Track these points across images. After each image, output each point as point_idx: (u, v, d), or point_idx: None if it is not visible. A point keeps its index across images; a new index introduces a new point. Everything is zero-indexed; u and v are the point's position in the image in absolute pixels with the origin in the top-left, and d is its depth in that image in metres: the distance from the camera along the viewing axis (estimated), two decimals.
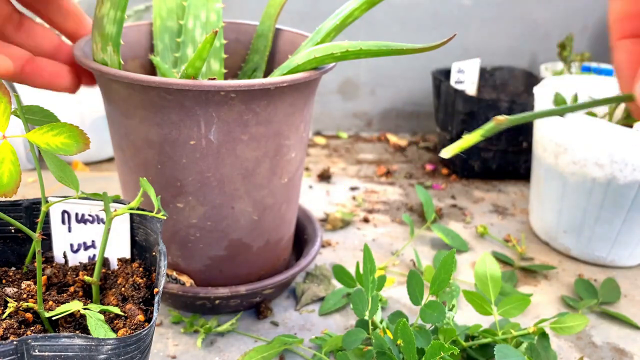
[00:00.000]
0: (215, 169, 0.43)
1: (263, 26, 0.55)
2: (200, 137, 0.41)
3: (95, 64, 0.39)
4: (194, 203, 0.44)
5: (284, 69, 0.43)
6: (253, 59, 0.56)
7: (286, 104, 0.42)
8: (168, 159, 0.42)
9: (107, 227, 0.35)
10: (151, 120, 0.41)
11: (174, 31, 0.54)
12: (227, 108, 0.39)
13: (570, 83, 0.72)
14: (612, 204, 0.60)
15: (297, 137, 0.46)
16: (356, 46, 0.39)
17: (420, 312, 0.43)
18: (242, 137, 0.42)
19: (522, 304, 0.46)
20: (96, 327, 0.30)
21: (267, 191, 0.46)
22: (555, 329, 0.46)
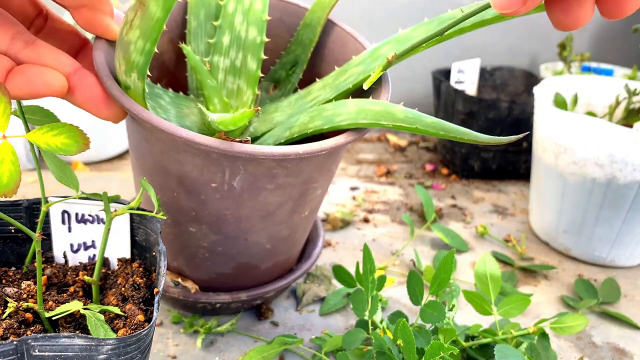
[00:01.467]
0: (234, 209, 0.40)
1: (313, 15, 0.48)
2: (223, 182, 0.38)
3: (116, 92, 0.34)
4: (206, 231, 0.42)
5: (326, 121, 0.38)
6: (295, 50, 0.50)
7: (320, 158, 0.39)
8: (185, 192, 0.40)
9: (107, 227, 0.35)
10: (171, 156, 0.38)
11: (212, 9, 0.47)
12: (256, 164, 0.36)
13: (570, 83, 0.72)
14: (612, 204, 0.60)
15: (327, 177, 0.43)
16: (412, 122, 0.34)
17: (420, 312, 0.43)
18: (268, 186, 0.39)
19: (522, 304, 0.46)
20: (96, 327, 0.30)
21: (285, 226, 0.44)
22: (555, 329, 0.46)
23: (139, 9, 0.30)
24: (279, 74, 0.51)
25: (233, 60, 0.46)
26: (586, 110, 0.73)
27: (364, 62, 0.41)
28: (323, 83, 0.44)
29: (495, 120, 0.80)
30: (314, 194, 0.43)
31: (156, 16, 0.30)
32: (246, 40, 0.45)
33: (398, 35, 0.39)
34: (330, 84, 0.43)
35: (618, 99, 0.71)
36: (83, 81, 0.34)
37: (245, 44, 0.45)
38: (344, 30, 0.48)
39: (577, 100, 0.71)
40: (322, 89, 0.44)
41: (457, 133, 0.33)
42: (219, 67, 0.46)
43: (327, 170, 0.42)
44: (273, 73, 0.51)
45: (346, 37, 0.47)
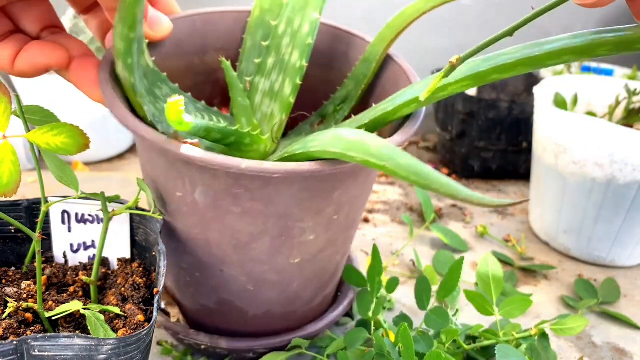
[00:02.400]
0: (202, 229, 0.37)
1: (372, 49, 0.44)
2: (186, 192, 0.35)
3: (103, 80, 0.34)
4: (183, 249, 0.40)
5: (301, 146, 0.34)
6: (348, 85, 0.46)
7: (294, 189, 0.34)
8: (160, 199, 0.38)
9: (105, 227, 0.35)
10: (145, 156, 0.38)
11: (269, 30, 0.44)
12: (210, 176, 0.33)
13: (570, 83, 0.72)
14: (612, 204, 0.60)
15: (320, 220, 0.37)
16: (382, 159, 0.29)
17: (425, 317, 0.43)
18: (233, 208, 0.35)
19: (523, 305, 0.46)
20: (96, 327, 0.30)
21: (268, 267, 0.40)
22: (555, 330, 0.46)
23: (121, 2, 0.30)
24: (327, 109, 0.47)
25: (273, 82, 0.44)
26: (586, 110, 0.73)
27: (399, 95, 0.37)
28: (355, 118, 0.41)
29: (495, 120, 0.80)
30: (303, 238, 0.38)
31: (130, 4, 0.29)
32: (288, 63, 0.43)
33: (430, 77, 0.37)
34: (359, 119, 0.39)
35: (618, 99, 0.71)
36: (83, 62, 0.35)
37: (287, 67, 0.43)
38: (400, 66, 0.43)
39: (577, 100, 0.71)
40: (350, 124, 0.41)
41: (433, 183, 0.27)
42: (258, 89, 0.44)
43: (315, 211, 0.36)
44: (324, 108, 0.48)
45: (400, 74, 0.43)
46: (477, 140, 0.83)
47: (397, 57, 0.44)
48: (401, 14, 0.42)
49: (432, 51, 1.02)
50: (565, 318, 0.46)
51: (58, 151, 0.30)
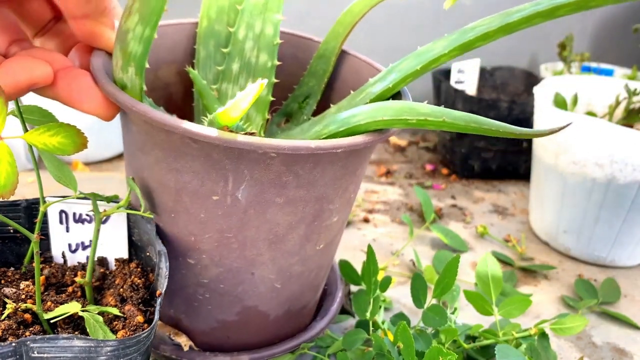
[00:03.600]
0: (238, 230, 0.35)
1: (327, 46, 0.45)
2: (226, 193, 0.34)
3: (110, 87, 0.32)
4: (207, 262, 0.37)
5: (341, 123, 0.34)
6: (308, 82, 0.47)
7: (336, 167, 0.35)
8: (184, 210, 0.35)
9: (97, 227, 0.34)
10: (169, 164, 0.34)
11: (222, 38, 0.45)
12: (263, 167, 0.32)
13: (570, 83, 0.72)
14: (612, 204, 0.60)
15: (343, 200, 0.38)
16: (438, 115, 0.30)
17: (422, 315, 0.43)
18: (277, 199, 0.34)
19: (523, 305, 0.46)
20: (95, 329, 0.30)
21: (297, 259, 0.39)
22: (555, 330, 0.46)
23: None
24: (291, 107, 0.48)
25: (243, 87, 0.44)
26: (586, 110, 0.73)
27: (382, 78, 0.38)
28: (337, 107, 0.41)
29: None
30: (330, 220, 0.38)
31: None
32: (256, 65, 0.44)
33: (418, 50, 0.37)
34: (346, 106, 0.40)
35: (618, 99, 0.71)
36: (68, 74, 0.32)
37: (256, 69, 0.44)
38: (359, 58, 0.45)
39: (577, 100, 0.70)
40: (336, 112, 0.41)
41: (490, 125, 0.29)
42: (227, 95, 0.44)
43: (343, 190, 0.37)
44: (285, 107, 0.48)
45: (361, 65, 0.45)
46: (477, 140, 0.83)
47: (351, 51, 0.46)
48: (350, 11, 0.44)
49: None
50: (564, 317, 0.46)
51: (55, 151, 0.30)
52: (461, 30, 0.34)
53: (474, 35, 0.33)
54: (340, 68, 0.47)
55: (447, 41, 0.34)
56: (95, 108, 0.32)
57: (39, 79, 0.30)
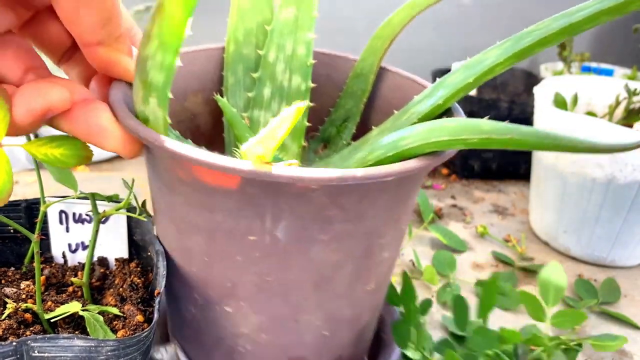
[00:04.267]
0: (280, 272, 0.32)
1: (364, 63, 0.42)
2: (264, 232, 0.30)
3: (131, 121, 0.28)
4: (246, 310, 0.34)
5: (389, 147, 0.30)
6: (345, 104, 0.44)
7: (387, 197, 0.31)
8: (218, 253, 0.32)
9: (95, 227, 0.35)
10: (200, 203, 0.30)
11: (251, 62, 0.42)
12: (304, 201, 0.29)
13: (570, 83, 0.72)
14: (612, 204, 0.60)
15: (395, 233, 0.34)
16: (503, 132, 0.26)
17: (469, 339, 0.41)
18: (321, 236, 0.31)
19: (577, 319, 0.45)
20: (95, 328, 0.30)
21: (346, 302, 0.35)
22: (595, 347, 0.46)
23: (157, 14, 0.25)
24: (328, 131, 0.45)
25: (275, 113, 0.41)
26: (586, 110, 0.73)
27: (429, 95, 0.35)
28: (380, 129, 0.38)
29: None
30: (380, 257, 0.34)
31: (177, 17, 0.25)
32: (289, 89, 0.41)
33: (467, 62, 0.34)
34: (390, 127, 0.37)
35: (618, 99, 0.71)
36: (87, 108, 0.29)
37: (289, 93, 0.41)
38: (400, 75, 0.42)
39: (577, 100, 0.70)
40: (379, 134, 0.37)
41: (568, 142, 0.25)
42: (259, 122, 0.42)
43: (395, 222, 0.33)
44: (322, 132, 0.45)
45: (403, 82, 0.41)
46: None
47: (391, 67, 0.43)
48: (388, 23, 0.41)
49: (431, 51, 1.02)
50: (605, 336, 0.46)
51: (56, 163, 0.29)
52: (515, 37, 0.31)
53: (531, 41, 0.29)
54: (380, 86, 0.43)
55: (501, 49, 0.31)
56: (117, 145, 0.29)
57: (56, 103, 0.27)
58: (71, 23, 0.26)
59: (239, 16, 0.42)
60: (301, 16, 0.41)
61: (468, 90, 0.32)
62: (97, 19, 0.26)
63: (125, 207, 0.35)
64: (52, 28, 0.31)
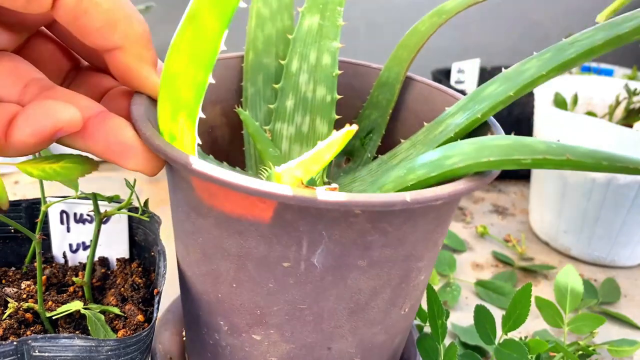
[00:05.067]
0: (314, 300, 0.30)
1: (389, 72, 0.40)
2: (299, 259, 0.28)
3: (158, 141, 0.26)
4: (276, 338, 0.32)
5: (433, 166, 0.28)
6: (370, 115, 0.42)
7: (429, 220, 0.29)
8: (248, 279, 0.30)
9: (97, 227, 0.35)
10: (231, 226, 0.28)
11: (271, 72, 0.41)
12: (344, 227, 0.27)
13: (570, 83, 0.72)
14: (612, 204, 0.60)
15: (432, 255, 0.33)
16: (559, 153, 0.25)
17: (495, 352, 0.39)
18: (359, 262, 0.29)
19: (595, 323, 0.45)
20: (96, 327, 0.30)
21: (380, 327, 0.33)
22: (611, 352, 0.46)
23: (188, 25, 0.23)
24: (352, 144, 0.43)
25: (299, 126, 0.40)
26: (586, 110, 0.73)
27: (464, 107, 0.33)
28: (412, 142, 0.36)
29: (495, 120, 0.80)
30: (417, 280, 0.32)
31: (211, 29, 0.23)
32: (314, 101, 0.40)
33: (505, 73, 0.33)
34: (422, 140, 0.35)
35: (618, 99, 0.71)
36: (106, 124, 0.26)
37: (313, 105, 0.40)
38: (429, 85, 0.40)
39: (577, 100, 0.71)
40: (411, 148, 0.36)
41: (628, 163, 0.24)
42: (282, 136, 0.40)
43: (433, 244, 0.32)
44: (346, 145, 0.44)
45: (431, 93, 0.40)
46: None
47: (418, 77, 0.41)
48: (414, 31, 0.39)
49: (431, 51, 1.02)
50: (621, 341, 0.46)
51: (57, 177, 0.27)
52: (556, 48, 0.30)
53: (575, 53, 0.28)
54: (406, 97, 0.41)
55: (541, 61, 0.30)
56: (140, 164, 0.27)
57: (66, 124, 0.24)
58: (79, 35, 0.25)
59: (258, 24, 0.40)
60: (326, 24, 0.39)
61: (507, 103, 0.31)
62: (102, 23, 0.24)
63: (126, 207, 0.35)
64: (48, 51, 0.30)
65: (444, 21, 0.38)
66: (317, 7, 0.39)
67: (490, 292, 0.58)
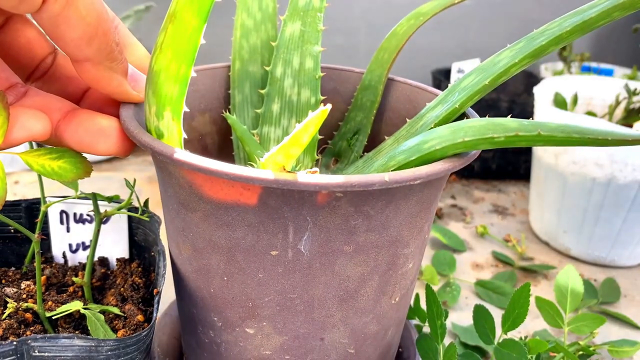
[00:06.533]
0: (303, 289, 0.31)
1: (371, 75, 0.42)
2: (287, 246, 0.29)
3: (145, 138, 0.27)
4: (269, 330, 0.32)
5: (412, 151, 0.30)
6: (355, 117, 0.43)
7: (411, 204, 0.30)
8: (238, 271, 0.31)
9: (97, 228, 0.35)
10: (219, 218, 0.29)
11: (257, 79, 0.42)
12: (327, 211, 0.28)
13: (570, 83, 0.72)
14: (612, 204, 0.60)
15: (418, 242, 0.33)
16: (530, 129, 0.26)
17: (494, 351, 0.39)
18: (345, 248, 0.29)
19: (595, 323, 0.45)
20: (96, 327, 0.30)
21: (372, 316, 0.33)
22: (611, 352, 0.46)
23: (169, 23, 0.25)
24: (339, 145, 0.45)
25: (285, 128, 0.41)
26: (586, 110, 0.73)
27: (443, 100, 0.34)
28: (395, 137, 0.37)
29: None
30: (405, 267, 0.33)
31: (190, 25, 0.24)
32: (299, 103, 0.41)
33: (480, 65, 0.34)
34: (405, 135, 0.36)
35: (618, 99, 0.71)
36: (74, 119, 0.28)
37: (298, 108, 0.41)
38: (410, 84, 0.41)
39: (577, 100, 0.71)
40: (394, 143, 0.37)
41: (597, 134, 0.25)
42: (270, 138, 0.41)
43: (418, 230, 0.32)
44: (333, 146, 0.45)
45: (413, 92, 0.41)
46: None
47: (399, 78, 0.42)
48: (393, 34, 0.41)
49: (431, 51, 1.02)
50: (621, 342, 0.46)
51: (52, 175, 0.28)
52: (528, 37, 0.31)
53: (545, 40, 0.29)
54: (389, 98, 0.43)
55: (514, 51, 0.31)
56: (111, 148, 0.29)
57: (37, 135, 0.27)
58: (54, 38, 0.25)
59: (243, 34, 0.42)
60: (307, 30, 0.40)
61: (484, 93, 0.32)
62: (79, 35, 0.25)
63: (126, 207, 0.35)
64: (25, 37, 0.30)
65: (422, 23, 0.39)
66: (298, 14, 0.40)
67: (490, 292, 0.58)
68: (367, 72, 0.43)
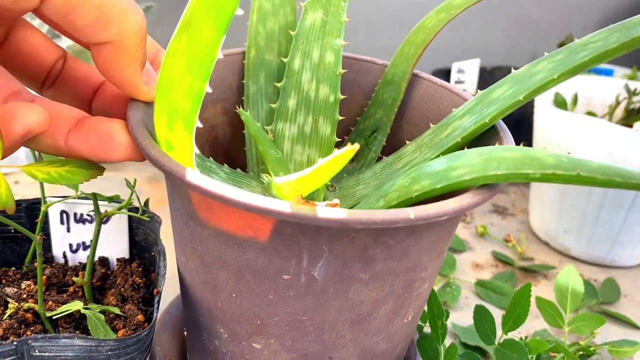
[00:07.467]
0: (315, 312, 0.29)
1: (395, 70, 0.39)
2: (299, 272, 0.28)
3: (155, 152, 0.25)
4: (276, 347, 0.31)
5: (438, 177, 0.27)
6: (375, 114, 0.41)
7: (433, 232, 0.28)
8: (248, 290, 0.29)
9: (97, 227, 0.35)
10: (230, 238, 0.27)
11: (273, 69, 0.39)
12: (345, 241, 0.26)
13: (570, 83, 0.72)
14: (612, 204, 0.60)
15: (436, 265, 0.32)
16: (569, 168, 0.24)
17: (495, 352, 0.39)
18: (361, 275, 0.28)
19: (595, 323, 0.45)
20: (96, 327, 0.30)
21: (383, 336, 0.32)
22: (612, 352, 0.46)
23: (184, 32, 0.22)
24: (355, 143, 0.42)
25: (301, 126, 0.39)
26: (586, 110, 0.73)
27: (472, 110, 0.32)
28: (417, 144, 0.35)
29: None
30: (420, 289, 0.31)
31: (207, 37, 0.22)
32: (316, 100, 0.39)
33: (514, 73, 0.32)
34: (428, 143, 0.34)
35: (618, 99, 0.71)
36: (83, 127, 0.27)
37: (316, 105, 0.39)
38: (435, 83, 0.39)
39: (577, 100, 0.71)
40: (417, 151, 0.35)
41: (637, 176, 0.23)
42: (284, 136, 0.39)
43: (437, 255, 0.31)
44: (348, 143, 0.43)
45: (438, 91, 0.38)
46: None
47: (424, 74, 0.39)
48: (421, 27, 0.38)
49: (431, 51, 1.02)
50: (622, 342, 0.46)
51: (61, 180, 0.27)
52: (568, 49, 0.28)
53: (588, 56, 0.27)
54: (412, 95, 0.40)
55: (553, 63, 0.29)
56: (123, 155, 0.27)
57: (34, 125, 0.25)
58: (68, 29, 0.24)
59: (260, 18, 0.39)
60: (329, 21, 0.38)
61: (516, 108, 0.30)
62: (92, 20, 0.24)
63: (127, 207, 0.35)
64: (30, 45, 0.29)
65: (453, 17, 0.37)
66: (320, 2, 0.38)
67: (490, 292, 0.58)
68: (390, 66, 0.40)
